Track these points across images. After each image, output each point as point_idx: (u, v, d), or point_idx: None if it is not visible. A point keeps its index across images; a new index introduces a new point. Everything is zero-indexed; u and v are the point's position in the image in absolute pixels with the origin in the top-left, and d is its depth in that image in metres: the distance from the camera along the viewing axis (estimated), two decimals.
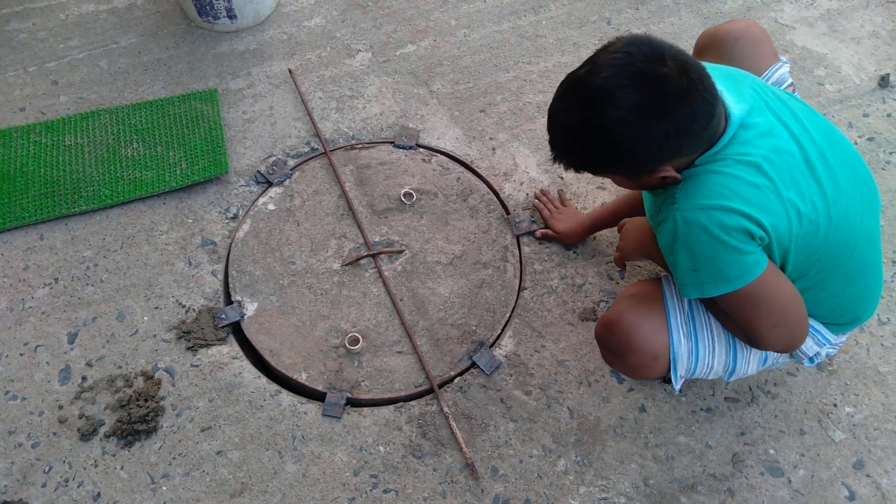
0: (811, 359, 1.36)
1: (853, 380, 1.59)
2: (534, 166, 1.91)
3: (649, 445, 1.50)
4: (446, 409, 1.52)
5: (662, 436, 1.51)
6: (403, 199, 1.81)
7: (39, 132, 1.90)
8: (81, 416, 1.49)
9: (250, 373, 1.56)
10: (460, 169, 1.89)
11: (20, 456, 1.45)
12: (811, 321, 1.30)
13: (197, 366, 1.56)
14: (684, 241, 1.13)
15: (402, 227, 1.78)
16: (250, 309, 1.64)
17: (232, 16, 2.10)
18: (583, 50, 2.15)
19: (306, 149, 1.92)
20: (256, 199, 1.81)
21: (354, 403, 1.54)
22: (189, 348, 1.58)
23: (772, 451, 1.50)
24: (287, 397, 1.53)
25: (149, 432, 1.48)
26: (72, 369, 1.55)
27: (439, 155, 1.92)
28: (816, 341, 1.32)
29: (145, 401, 1.50)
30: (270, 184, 1.84)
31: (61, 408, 1.50)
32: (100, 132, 1.90)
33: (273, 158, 1.88)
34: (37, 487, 1.41)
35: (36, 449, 1.46)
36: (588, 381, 1.57)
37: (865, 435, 1.52)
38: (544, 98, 2.04)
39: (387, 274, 1.70)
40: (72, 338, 1.59)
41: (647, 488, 1.45)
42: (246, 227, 1.76)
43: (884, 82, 2.10)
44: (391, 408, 1.53)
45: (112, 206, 1.78)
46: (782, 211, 1.10)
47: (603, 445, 1.49)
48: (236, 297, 1.65)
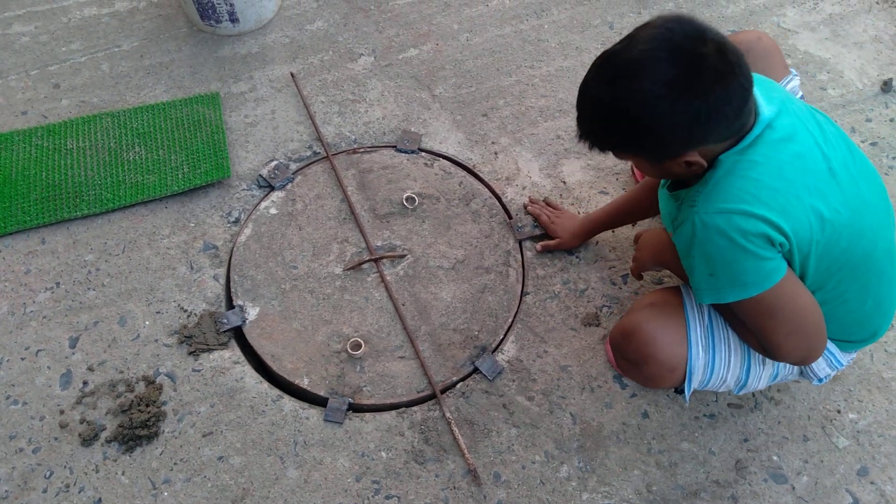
0: (820, 379, 1.35)
1: (857, 386, 1.58)
2: (536, 171, 1.90)
3: (652, 452, 1.49)
4: (448, 415, 1.51)
5: (665, 442, 1.50)
6: (405, 204, 1.81)
7: (41, 136, 1.89)
8: (83, 421, 1.48)
9: (252, 378, 1.56)
10: (462, 173, 1.89)
11: (21, 461, 1.44)
12: (828, 342, 1.27)
13: (198, 371, 1.56)
14: (702, 246, 1.11)
15: (405, 232, 1.77)
16: (252, 313, 1.63)
17: (234, 19, 2.10)
18: (585, 54, 2.15)
19: (308, 153, 1.91)
20: (258, 204, 1.81)
21: (356, 409, 1.54)
22: (191, 353, 1.58)
23: (775, 458, 1.49)
24: (289, 402, 1.53)
25: (150, 437, 1.47)
26: (73, 374, 1.55)
27: (441, 159, 1.92)
28: (829, 363, 1.31)
29: (147, 406, 1.50)
30: (272, 188, 1.83)
31: (62, 412, 1.50)
32: (101, 136, 1.90)
33: (275, 162, 1.87)
34: (38, 493, 1.41)
35: (37, 454, 1.45)
36: (591, 386, 1.57)
37: (869, 441, 1.51)
38: (546, 102, 2.04)
39: (389, 278, 1.70)
40: (73, 342, 1.59)
41: (650, 495, 1.44)
42: (248, 232, 1.76)
43: (886, 87, 2.09)
44: (393, 413, 1.52)
45: (114, 210, 1.78)
46: (803, 215, 1.08)
47: (606, 451, 1.49)
48: (238, 302, 1.65)
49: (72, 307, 1.64)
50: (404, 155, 1.91)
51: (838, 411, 1.55)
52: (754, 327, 1.18)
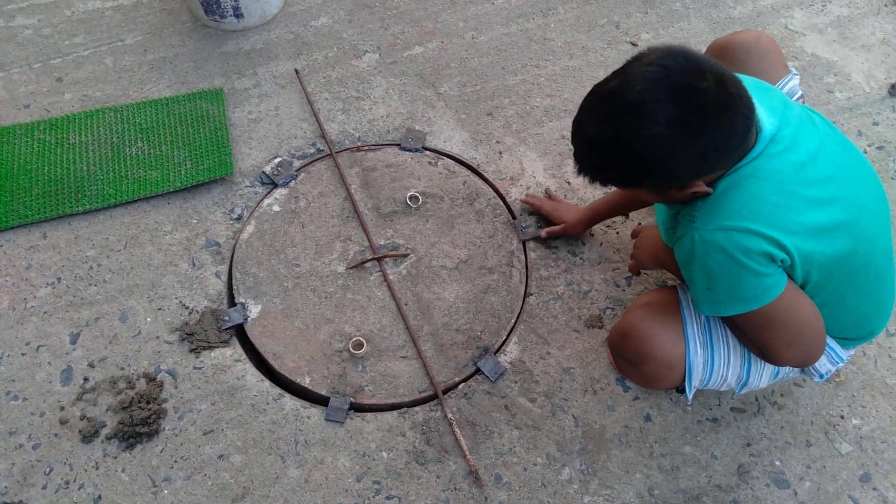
0: (822, 375, 1.35)
1: (860, 392, 1.57)
2: (541, 171, 1.90)
3: (654, 455, 1.48)
4: (450, 416, 1.50)
5: (668, 445, 1.50)
6: (409, 203, 1.80)
7: (43, 130, 1.88)
8: (83, 418, 1.48)
9: (253, 376, 1.55)
10: (467, 172, 1.88)
11: (21, 457, 1.43)
12: (827, 338, 1.28)
13: (200, 368, 1.55)
14: (702, 261, 1.10)
15: (408, 231, 1.76)
16: (254, 311, 1.63)
17: (239, 14, 2.09)
18: (591, 54, 2.14)
19: (312, 150, 1.90)
20: (261, 201, 1.80)
21: (358, 408, 1.53)
22: (192, 350, 1.57)
23: (778, 463, 1.48)
24: (290, 401, 1.52)
25: (150, 435, 1.47)
26: (73, 370, 1.54)
27: (446, 158, 1.91)
28: (830, 359, 1.31)
29: (147, 403, 1.49)
30: (276, 185, 1.82)
31: (63, 409, 1.49)
32: (104, 130, 1.89)
33: (278, 159, 1.86)
34: (37, 489, 1.40)
35: (37, 450, 1.44)
36: (593, 388, 1.56)
37: (872, 447, 1.51)
38: (552, 102, 2.03)
39: (392, 278, 1.69)
40: (74, 338, 1.58)
41: (651, 498, 1.43)
42: (250, 229, 1.75)
43: (894, 90, 2.08)
44: (395, 413, 1.52)
45: (116, 206, 1.77)
46: (805, 229, 1.08)
47: (608, 454, 1.48)
48: (240, 299, 1.64)
49: (73, 303, 1.63)
50: (408, 153, 1.90)
51: (842, 416, 1.54)
52: (753, 337, 1.19)
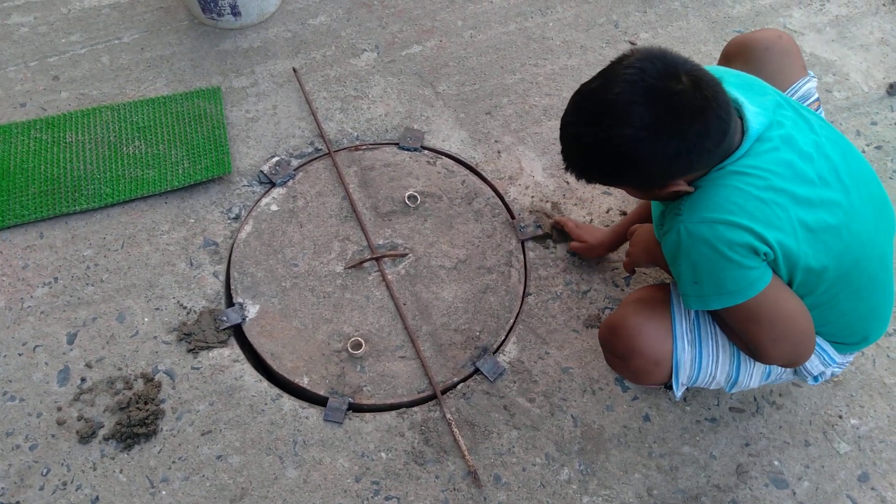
0: (815, 377, 1.35)
1: (859, 391, 1.58)
2: (539, 170, 1.89)
3: (653, 455, 1.48)
4: (449, 416, 1.50)
5: (666, 445, 1.50)
6: (408, 202, 1.79)
7: (40, 128, 1.87)
8: (80, 418, 1.47)
9: (251, 376, 1.55)
10: (465, 172, 1.87)
11: (18, 458, 1.43)
12: (818, 340, 1.28)
13: (198, 368, 1.55)
14: (687, 254, 1.12)
15: (406, 231, 1.76)
16: (252, 311, 1.62)
17: (236, 13, 2.08)
18: (590, 53, 2.13)
19: (310, 149, 1.90)
20: (259, 200, 1.79)
21: (356, 409, 1.53)
22: (190, 350, 1.56)
23: (776, 463, 1.49)
24: (288, 402, 1.52)
25: (148, 435, 1.46)
26: (71, 370, 1.53)
27: (444, 157, 1.90)
28: (822, 360, 1.31)
29: (145, 403, 1.49)
30: (273, 184, 1.82)
31: (60, 409, 1.49)
32: (101, 129, 1.88)
33: (276, 158, 1.86)
34: (34, 490, 1.40)
35: (34, 451, 1.44)
36: (592, 388, 1.56)
37: (871, 447, 1.51)
38: (550, 101, 2.03)
39: (390, 277, 1.69)
40: (71, 338, 1.57)
41: (650, 499, 1.43)
42: (248, 228, 1.74)
43: (892, 90, 2.08)
44: (393, 413, 1.52)
45: (113, 205, 1.76)
46: (789, 226, 1.08)
47: (607, 454, 1.48)
48: (238, 299, 1.63)
49: (70, 303, 1.62)
50: (407, 152, 1.90)
51: (840, 416, 1.55)
52: (741, 332, 1.20)
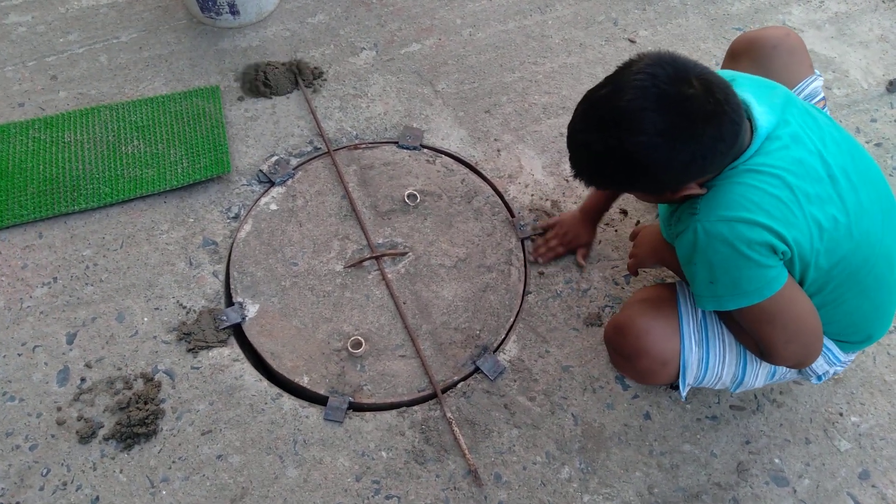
0: (819, 377, 1.35)
1: (859, 389, 1.58)
2: (539, 168, 1.89)
3: (654, 453, 1.48)
4: (449, 415, 1.50)
5: (667, 444, 1.49)
6: (407, 201, 1.79)
7: (38, 128, 1.87)
8: (80, 419, 1.47)
9: (251, 376, 1.54)
10: (465, 170, 1.87)
11: (17, 458, 1.43)
12: (824, 339, 1.28)
13: (197, 368, 1.54)
14: (704, 253, 1.11)
15: (406, 229, 1.76)
16: (252, 310, 1.62)
17: (234, 11, 2.08)
18: (589, 51, 2.13)
19: (309, 148, 1.89)
20: (258, 199, 1.79)
21: (357, 408, 1.53)
22: (189, 350, 1.56)
23: (777, 461, 1.48)
24: (288, 401, 1.52)
25: (148, 435, 1.46)
26: (70, 370, 1.53)
27: (444, 156, 1.90)
28: (828, 360, 1.31)
29: (145, 403, 1.48)
30: (273, 183, 1.81)
31: (60, 409, 1.48)
32: (100, 129, 1.88)
33: (275, 157, 1.85)
34: (34, 490, 1.39)
35: (34, 451, 1.44)
36: (593, 387, 1.56)
37: (871, 445, 1.51)
38: (550, 99, 2.02)
39: (390, 276, 1.68)
40: (70, 338, 1.57)
41: (651, 497, 1.43)
42: (248, 228, 1.74)
43: (892, 87, 2.08)
44: (394, 413, 1.51)
45: (112, 205, 1.76)
46: (804, 225, 1.08)
47: (607, 453, 1.48)
48: (237, 299, 1.63)
49: (69, 303, 1.62)
50: (406, 151, 1.89)
51: (840, 414, 1.54)
52: (753, 332, 1.19)
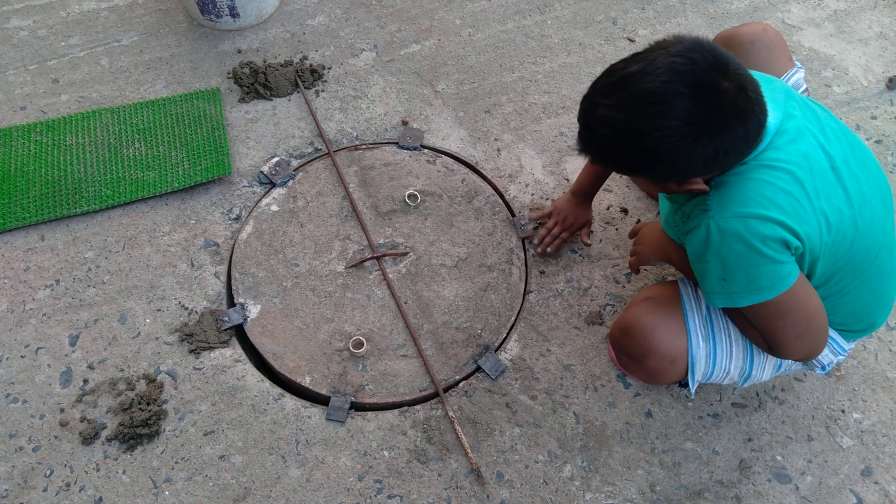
0: (824, 367, 1.35)
1: (861, 385, 1.57)
2: (539, 168, 1.89)
3: (656, 451, 1.48)
4: (451, 414, 1.50)
5: (669, 441, 1.49)
6: (408, 201, 1.79)
7: (40, 131, 1.88)
8: (83, 420, 1.47)
9: (253, 376, 1.55)
10: (465, 170, 1.87)
11: (21, 459, 1.43)
12: (829, 330, 1.28)
13: (199, 369, 1.55)
14: (717, 250, 1.09)
15: (407, 229, 1.76)
16: (253, 311, 1.62)
17: (235, 14, 2.08)
18: (588, 50, 2.13)
19: (310, 149, 1.90)
20: (259, 200, 1.80)
21: (359, 408, 1.53)
22: (191, 351, 1.57)
23: (779, 458, 1.48)
24: (290, 401, 1.52)
25: (151, 436, 1.46)
26: (73, 372, 1.54)
27: (444, 156, 1.90)
28: (833, 350, 1.31)
29: (147, 404, 1.49)
30: (274, 185, 1.82)
31: (62, 411, 1.49)
32: (101, 132, 1.88)
33: (276, 159, 1.86)
34: (38, 491, 1.40)
35: (37, 452, 1.44)
36: (594, 385, 1.56)
37: (873, 441, 1.51)
38: (549, 99, 2.03)
39: (391, 276, 1.69)
40: (73, 340, 1.58)
41: (653, 494, 1.43)
42: (249, 229, 1.74)
43: (892, 84, 2.08)
44: (396, 412, 1.52)
45: (114, 207, 1.77)
46: (814, 219, 1.08)
47: (609, 451, 1.48)
48: (239, 300, 1.64)
49: (72, 305, 1.62)
50: (406, 152, 1.90)
51: (842, 411, 1.54)
52: (763, 328, 1.18)
